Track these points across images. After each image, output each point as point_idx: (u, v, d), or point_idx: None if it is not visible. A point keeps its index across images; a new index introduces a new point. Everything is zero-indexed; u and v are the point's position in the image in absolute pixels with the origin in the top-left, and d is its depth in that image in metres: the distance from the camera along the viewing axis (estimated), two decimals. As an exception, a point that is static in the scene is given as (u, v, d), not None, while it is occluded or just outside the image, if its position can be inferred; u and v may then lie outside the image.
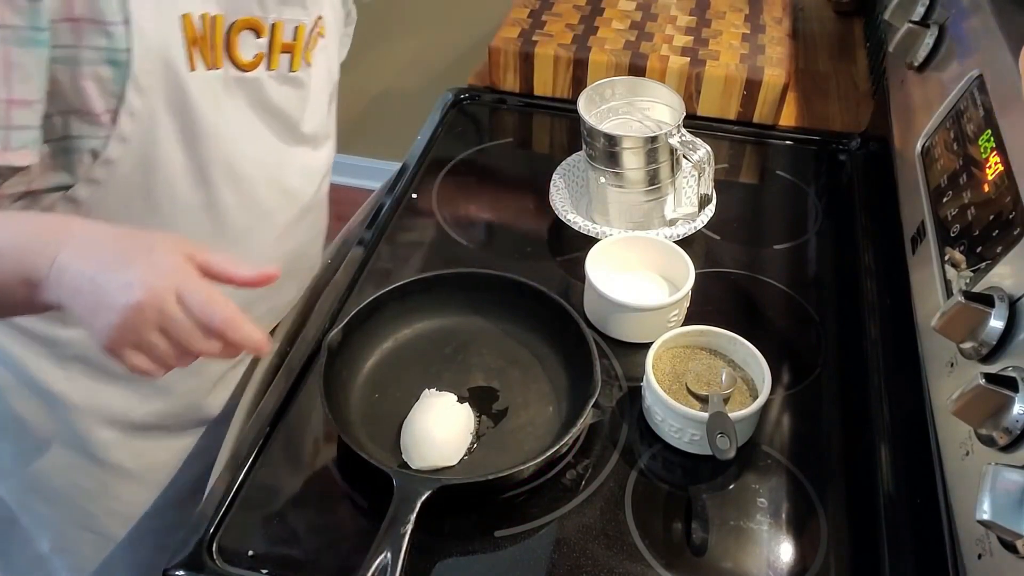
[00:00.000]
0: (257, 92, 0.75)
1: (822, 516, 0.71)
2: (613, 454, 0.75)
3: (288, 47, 0.75)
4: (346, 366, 0.79)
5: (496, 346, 0.83)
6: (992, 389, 0.51)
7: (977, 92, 0.71)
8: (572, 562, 0.67)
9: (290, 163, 0.82)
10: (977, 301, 0.55)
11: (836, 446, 0.77)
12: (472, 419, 0.75)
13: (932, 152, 0.77)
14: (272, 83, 0.76)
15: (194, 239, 0.59)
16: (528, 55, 1.17)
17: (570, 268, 0.94)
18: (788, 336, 0.87)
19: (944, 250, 0.68)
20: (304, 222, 0.88)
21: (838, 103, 1.22)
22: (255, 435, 0.75)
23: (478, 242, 0.99)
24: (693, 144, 0.89)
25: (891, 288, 0.88)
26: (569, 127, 1.18)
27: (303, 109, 0.80)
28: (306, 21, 0.76)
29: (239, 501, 0.70)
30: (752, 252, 0.97)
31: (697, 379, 0.76)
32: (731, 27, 1.21)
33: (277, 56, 0.75)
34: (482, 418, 0.76)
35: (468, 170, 1.09)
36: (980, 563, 0.52)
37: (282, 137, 0.80)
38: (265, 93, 0.76)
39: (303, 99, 0.80)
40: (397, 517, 0.64)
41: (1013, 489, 0.46)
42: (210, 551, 0.67)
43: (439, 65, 2.23)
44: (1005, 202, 0.60)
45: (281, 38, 0.74)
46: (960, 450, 0.57)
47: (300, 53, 0.77)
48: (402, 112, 2.37)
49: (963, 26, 0.80)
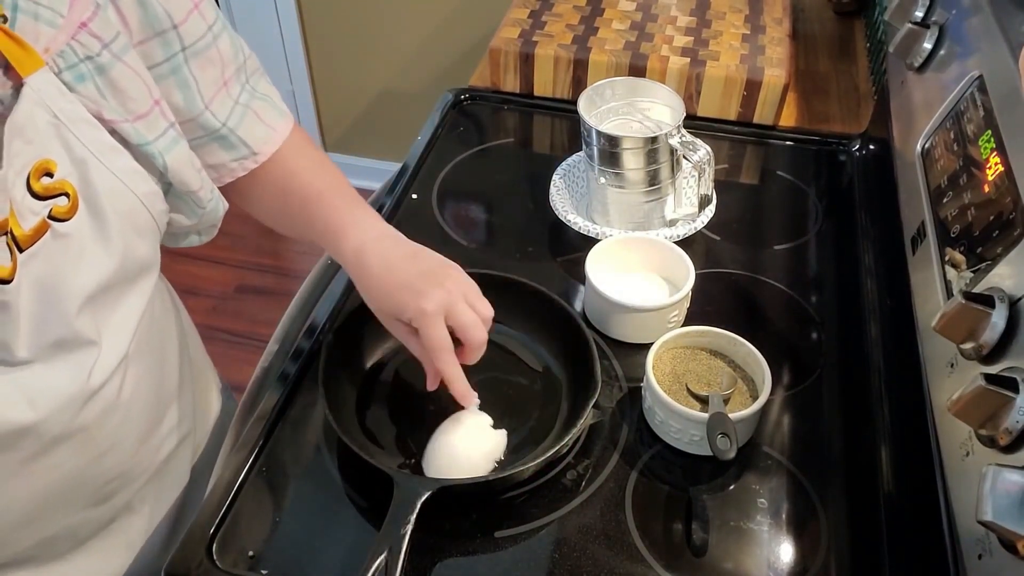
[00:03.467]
0: None
1: (822, 516, 0.71)
2: (613, 455, 0.75)
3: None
4: (346, 366, 0.79)
5: (496, 346, 0.83)
6: (992, 390, 0.51)
7: (977, 92, 0.71)
8: (572, 562, 0.67)
9: (5, 392, 0.60)
10: (977, 301, 0.55)
11: (836, 446, 0.77)
12: (502, 447, 0.74)
13: (932, 153, 0.77)
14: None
15: None
16: (528, 55, 1.17)
17: (570, 268, 0.94)
18: (788, 336, 0.87)
19: (944, 250, 0.68)
20: (57, 455, 0.64)
21: (838, 103, 1.22)
22: (255, 435, 0.75)
23: (478, 242, 0.99)
24: (693, 144, 0.89)
25: (891, 288, 0.88)
26: (569, 127, 1.18)
27: (13, 333, 0.58)
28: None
29: (239, 501, 0.70)
30: (752, 252, 0.97)
31: (697, 380, 0.76)
32: (731, 28, 1.21)
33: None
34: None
35: (468, 170, 1.09)
36: (980, 563, 0.52)
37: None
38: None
39: (7, 323, 0.58)
40: (397, 517, 0.64)
41: (1013, 490, 0.46)
42: (210, 551, 0.67)
43: (439, 65, 2.24)
44: (1005, 202, 0.60)
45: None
46: (960, 450, 0.57)
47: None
48: (402, 112, 2.38)
49: (963, 26, 0.80)
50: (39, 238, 0.57)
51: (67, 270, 0.60)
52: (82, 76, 0.58)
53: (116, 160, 0.61)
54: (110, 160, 0.60)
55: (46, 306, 0.59)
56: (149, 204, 0.65)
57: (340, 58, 2.32)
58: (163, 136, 0.65)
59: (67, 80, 0.58)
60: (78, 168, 0.59)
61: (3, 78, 0.54)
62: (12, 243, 0.55)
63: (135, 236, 0.64)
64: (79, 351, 0.62)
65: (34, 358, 0.60)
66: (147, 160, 0.64)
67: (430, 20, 2.16)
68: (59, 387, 0.62)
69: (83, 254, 0.60)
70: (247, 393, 0.85)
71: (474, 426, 0.73)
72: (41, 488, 0.65)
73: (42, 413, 0.61)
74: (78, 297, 0.61)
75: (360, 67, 2.32)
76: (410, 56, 2.25)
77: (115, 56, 0.60)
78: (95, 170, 0.59)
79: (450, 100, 1.20)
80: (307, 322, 0.87)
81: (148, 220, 0.65)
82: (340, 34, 2.27)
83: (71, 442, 0.65)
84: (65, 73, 0.57)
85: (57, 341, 0.61)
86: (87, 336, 0.62)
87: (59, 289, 0.60)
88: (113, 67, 0.60)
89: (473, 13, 2.10)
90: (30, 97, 0.55)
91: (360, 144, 2.53)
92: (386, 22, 2.20)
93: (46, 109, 0.56)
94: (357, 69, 2.34)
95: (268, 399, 0.78)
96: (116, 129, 0.61)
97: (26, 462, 0.63)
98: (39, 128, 0.56)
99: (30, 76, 0.55)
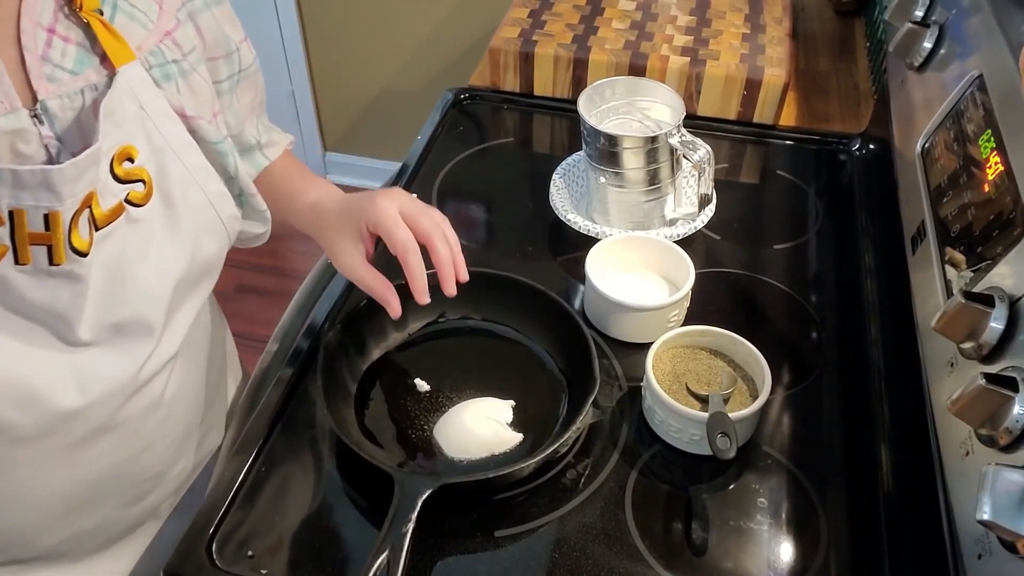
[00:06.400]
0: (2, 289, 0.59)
1: (822, 516, 0.71)
2: (613, 454, 0.75)
3: (41, 238, 0.58)
4: (345, 366, 0.79)
5: (496, 346, 0.83)
6: (992, 389, 0.51)
7: (977, 92, 0.71)
8: (572, 562, 0.67)
9: (59, 375, 0.62)
10: (977, 301, 0.55)
11: (836, 446, 0.77)
12: (509, 444, 0.75)
13: (932, 152, 0.77)
14: (24, 279, 0.59)
15: None
16: (528, 55, 1.17)
17: (570, 268, 0.94)
18: (788, 336, 0.87)
19: (944, 250, 0.68)
20: (99, 446, 0.67)
21: (838, 103, 1.22)
22: (255, 435, 0.75)
23: (478, 241, 0.99)
24: (693, 144, 0.89)
25: (891, 288, 0.88)
26: (569, 127, 1.18)
27: (79, 308, 0.61)
28: (60, 208, 0.57)
29: (239, 501, 0.70)
30: (752, 252, 0.97)
31: (697, 379, 0.76)
32: (731, 27, 1.21)
33: (26, 248, 0.58)
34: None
35: (468, 169, 1.09)
36: (980, 563, 0.52)
37: (45, 343, 0.62)
38: (14, 291, 0.59)
39: (78, 296, 0.61)
40: (398, 516, 0.64)
41: (1013, 489, 0.46)
42: (210, 551, 0.67)
43: (439, 65, 2.24)
44: (1005, 202, 0.60)
45: (27, 227, 0.57)
46: (960, 450, 0.57)
47: (63, 243, 0.58)
48: (402, 112, 2.38)
49: (963, 26, 0.80)
50: (115, 219, 0.62)
51: (137, 255, 0.64)
52: (168, 75, 0.65)
53: (190, 155, 0.67)
54: (185, 155, 0.66)
55: (115, 285, 0.63)
56: (217, 204, 0.70)
57: (340, 58, 2.32)
58: (227, 139, 0.72)
59: (155, 76, 0.64)
60: (156, 157, 0.64)
61: (99, 67, 0.60)
62: (91, 220, 0.60)
63: (203, 234, 0.69)
64: (137, 340, 0.66)
65: (93, 340, 0.63)
66: (217, 159, 0.70)
67: (430, 20, 2.16)
68: (111, 375, 0.65)
69: (152, 241, 0.65)
70: (246, 393, 0.85)
71: (494, 410, 0.76)
72: (81, 479, 0.68)
73: (90, 398, 0.63)
74: (145, 282, 0.65)
75: (360, 67, 2.32)
76: (410, 56, 2.25)
77: (192, 66, 0.67)
78: (171, 162, 0.65)
79: (450, 99, 1.20)
80: (306, 322, 0.87)
81: (215, 220, 0.70)
82: (340, 34, 2.27)
83: (113, 435, 0.67)
84: (154, 70, 0.64)
85: (118, 324, 0.64)
86: (149, 323, 0.66)
87: (127, 272, 0.63)
88: (191, 74, 0.67)
89: (473, 13, 2.10)
90: (121, 86, 0.60)
91: (360, 144, 2.53)
92: (386, 22, 2.20)
93: (134, 99, 0.62)
94: (357, 69, 2.33)
95: (268, 399, 0.78)
96: (194, 127, 0.67)
97: (68, 449, 0.65)
98: (127, 115, 0.61)
99: (123, 67, 0.60)
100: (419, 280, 0.73)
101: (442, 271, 0.75)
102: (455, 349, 0.83)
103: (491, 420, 0.75)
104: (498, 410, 0.76)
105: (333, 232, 0.78)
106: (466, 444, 0.74)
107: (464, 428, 0.75)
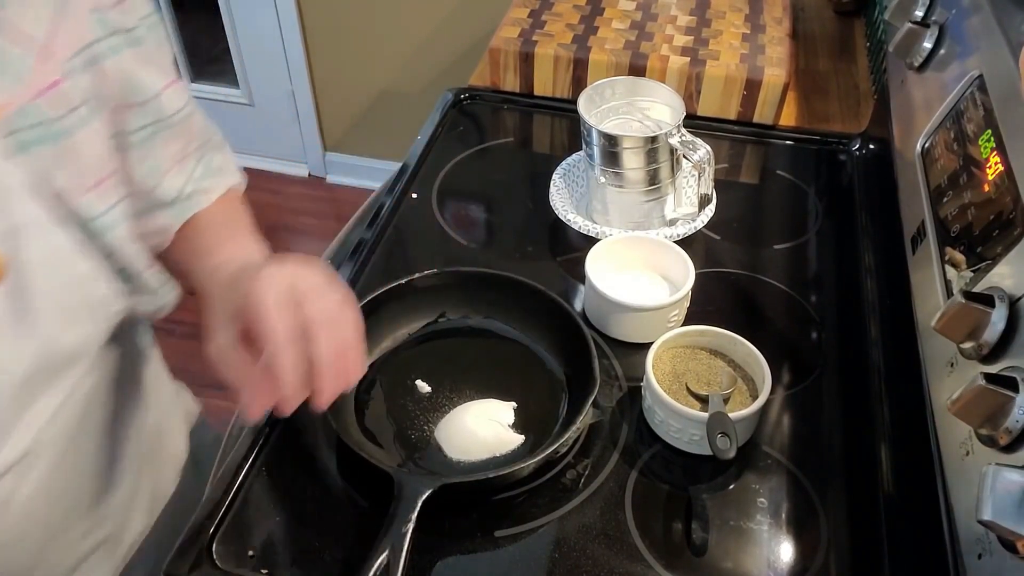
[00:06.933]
0: None
1: (822, 516, 0.71)
2: (613, 454, 0.75)
3: None
4: (346, 366, 0.79)
5: (495, 346, 0.83)
6: (992, 389, 0.51)
7: (977, 92, 0.71)
8: (572, 562, 0.67)
9: None
10: (977, 301, 0.55)
11: (836, 446, 0.77)
12: (510, 446, 0.74)
13: (932, 152, 0.77)
14: None
15: None
16: (528, 55, 1.17)
17: (570, 268, 0.94)
18: (788, 336, 0.87)
19: (944, 250, 0.68)
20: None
21: (838, 103, 1.22)
22: (255, 435, 0.75)
23: (478, 241, 0.99)
24: (693, 144, 0.89)
25: (891, 288, 0.88)
26: (569, 127, 1.18)
27: None
28: None
29: (239, 501, 0.70)
30: (752, 252, 0.97)
31: (697, 379, 0.76)
32: (731, 27, 1.21)
33: None
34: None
35: (468, 169, 1.09)
36: (980, 563, 0.52)
37: None
38: None
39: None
40: (398, 516, 0.64)
41: (1013, 489, 0.46)
42: (210, 551, 0.67)
43: (439, 65, 2.24)
44: (1005, 202, 0.60)
45: None
46: (960, 450, 0.57)
47: None
48: (402, 112, 2.38)
49: (963, 26, 0.80)
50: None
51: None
52: (39, 139, 0.55)
53: (54, 235, 0.56)
54: (47, 235, 0.56)
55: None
56: (87, 287, 0.60)
57: (340, 58, 2.32)
58: (113, 209, 0.61)
59: (18, 142, 0.54)
60: (10, 239, 0.53)
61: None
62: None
63: (64, 321, 0.58)
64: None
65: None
66: (95, 235, 0.60)
67: (430, 20, 2.16)
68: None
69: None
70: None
71: (496, 412, 0.76)
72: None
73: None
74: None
75: (360, 67, 2.33)
76: (410, 56, 2.26)
77: (78, 123, 0.57)
78: (30, 242, 0.54)
79: (450, 100, 1.20)
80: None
81: (83, 302, 0.60)
82: (340, 34, 2.27)
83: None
84: (18, 135, 0.53)
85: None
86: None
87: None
88: (74, 134, 0.57)
89: (473, 13, 2.11)
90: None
91: (360, 144, 2.53)
92: (386, 22, 2.20)
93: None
94: (357, 69, 2.34)
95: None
96: (64, 201, 0.57)
97: None
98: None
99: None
100: (285, 387, 0.58)
101: (318, 376, 0.58)
102: (455, 349, 0.83)
103: (493, 422, 0.75)
104: (500, 412, 0.76)
105: (212, 308, 0.64)
106: (468, 446, 0.74)
107: (466, 430, 0.75)
